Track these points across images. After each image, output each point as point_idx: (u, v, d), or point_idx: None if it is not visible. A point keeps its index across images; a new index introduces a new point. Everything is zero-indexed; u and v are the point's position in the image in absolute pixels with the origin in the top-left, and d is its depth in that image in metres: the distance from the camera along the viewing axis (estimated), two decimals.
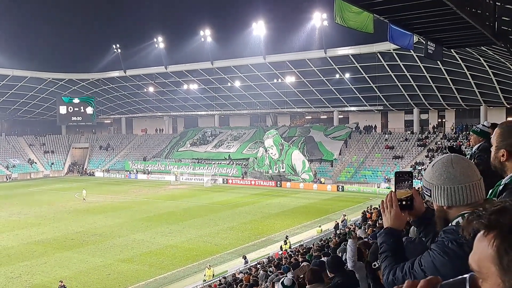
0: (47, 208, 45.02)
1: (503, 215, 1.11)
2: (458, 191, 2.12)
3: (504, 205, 1.13)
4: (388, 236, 2.41)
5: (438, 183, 2.17)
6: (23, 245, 30.84)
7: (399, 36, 14.94)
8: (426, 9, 12.40)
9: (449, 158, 2.22)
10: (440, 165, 2.19)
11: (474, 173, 2.18)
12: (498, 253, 1.06)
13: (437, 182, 2.17)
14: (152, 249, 29.44)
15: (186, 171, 69.05)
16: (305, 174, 60.99)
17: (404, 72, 56.05)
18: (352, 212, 39.81)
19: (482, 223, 1.13)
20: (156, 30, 73.06)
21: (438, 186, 2.17)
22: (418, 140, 61.11)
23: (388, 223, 2.44)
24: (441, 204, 2.20)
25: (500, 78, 47.41)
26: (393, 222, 2.42)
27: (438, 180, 2.17)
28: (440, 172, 2.17)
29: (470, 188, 2.12)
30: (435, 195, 2.20)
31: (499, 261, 1.06)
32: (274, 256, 23.39)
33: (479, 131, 5.13)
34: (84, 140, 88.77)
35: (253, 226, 36.15)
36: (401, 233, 2.47)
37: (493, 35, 13.53)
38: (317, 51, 60.71)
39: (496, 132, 2.75)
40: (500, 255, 1.06)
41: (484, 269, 1.11)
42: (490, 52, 29.80)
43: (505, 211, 1.12)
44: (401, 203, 2.44)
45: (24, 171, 76.73)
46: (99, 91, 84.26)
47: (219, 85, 73.50)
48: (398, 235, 2.43)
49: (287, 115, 78.71)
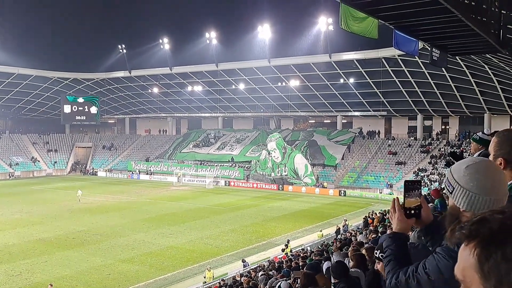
0: (49, 207, 45.11)
1: (482, 225, 1.15)
2: (481, 202, 2.08)
3: (484, 216, 1.18)
4: (392, 241, 2.45)
5: (465, 186, 2.10)
6: (24, 243, 30.90)
7: (404, 42, 14.95)
8: (431, 16, 12.42)
9: (485, 165, 2.16)
10: (474, 170, 2.12)
11: (503, 188, 2.13)
12: (479, 260, 1.11)
13: (464, 185, 2.11)
14: (153, 250, 29.45)
15: (188, 173, 69.11)
16: (307, 178, 60.95)
17: (408, 78, 56.01)
18: (353, 217, 39.75)
19: (463, 234, 1.19)
20: (162, 32, 73.31)
21: (463, 189, 2.11)
22: (421, 147, 61.00)
23: (394, 228, 2.48)
24: (460, 206, 2.17)
25: (504, 86, 47.32)
26: (398, 226, 2.45)
27: (467, 184, 2.10)
28: (472, 177, 2.10)
29: (494, 203, 2.08)
30: (457, 195, 2.14)
31: (481, 268, 1.11)
32: (274, 259, 23.36)
33: (478, 139, 5.13)
34: (88, 140, 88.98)
35: (254, 229, 36.12)
36: (406, 238, 2.49)
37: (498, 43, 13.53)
38: (322, 56, 60.73)
39: (493, 141, 2.76)
40: (481, 262, 1.11)
41: (467, 278, 1.16)
42: (495, 60, 29.78)
43: (485, 221, 1.16)
44: (409, 211, 2.45)
45: (27, 169, 76.95)
46: (104, 91, 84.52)
47: (223, 87, 73.61)
48: (402, 240, 2.45)
49: (291, 119, 78.73)
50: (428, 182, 50.99)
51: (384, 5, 12.09)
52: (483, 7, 12.06)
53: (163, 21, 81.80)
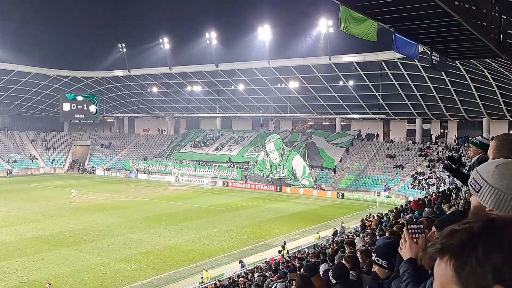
0: (46, 205, 45.06)
1: (452, 236, 1.18)
2: (510, 201, 2.01)
3: (452, 228, 1.21)
4: (408, 265, 2.69)
5: (494, 186, 2.03)
6: (21, 240, 30.86)
7: (404, 45, 14.95)
8: (432, 19, 12.44)
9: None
10: (505, 169, 2.06)
11: None
12: (456, 271, 1.13)
13: (493, 183, 2.04)
14: (150, 250, 29.43)
15: (186, 173, 69.08)
16: (305, 179, 60.95)
17: (407, 82, 56.06)
18: (351, 219, 39.74)
19: (435, 249, 1.21)
20: (162, 31, 73.29)
21: (492, 188, 2.03)
22: (420, 150, 61.03)
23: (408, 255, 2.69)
24: (487, 205, 2.14)
25: (503, 91, 47.39)
26: (411, 253, 2.66)
27: (496, 182, 2.03)
28: (503, 176, 2.03)
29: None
30: (484, 193, 2.06)
31: (459, 278, 1.12)
32: (270, 261, 23.39)
33: (479, 143, 5.12)
34: (86, 138, 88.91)
35: (252, 230, 36.11)
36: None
37: (497, 48, 13.56)
38: (322, 58, 60.77)
39: (493, 145, 2.79)
40: (459, 272, 1.12)
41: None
42: (494, 64, 29.83)
43: (454, 232, 1.19)
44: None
45: (25, 167, 76.85)
46: (103, 90, 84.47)
47: (223, 87, 73.62)
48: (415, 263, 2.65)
49: (290, 120, 78.75)
50: (426, 185, 51.04)
51: (384, 8, 12.11)
52: (484, 11, 12.08)
53: (163, 20, 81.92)
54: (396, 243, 4.15)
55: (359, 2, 12.03)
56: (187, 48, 72.42)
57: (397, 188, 54.69)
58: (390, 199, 51.33)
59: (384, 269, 3.81)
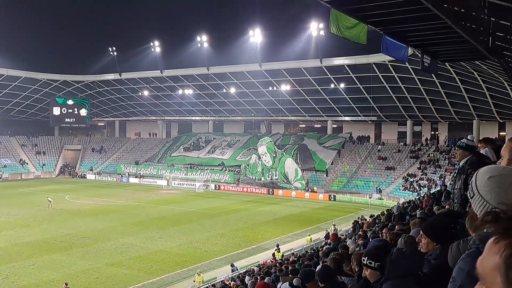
0: (36, 210, 44.68)
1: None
2: None
3: None
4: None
5: (484, 197, 2.05)
6: (11, 246, 30.56)
7: (394, 48, 15.04)
8: (421, 22, 12.51)
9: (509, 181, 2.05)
10: (495, 182, 2.04)
11: None
12: (506, 264, 0.99)
13: (483, 195, 2.05)
14: (142, 254, 29.28)
15: (178, 176, 68.86)
16: (297, 182, 61.01)
17: (398, 84, 56.34)
18: (343, 221, 39.84)
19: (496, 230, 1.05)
20: (153, 34, 73.11)
21: (482, 199, 2.05)
22: (411, 152, 61.32)
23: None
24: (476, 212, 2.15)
25: (493, 92, 47.75)
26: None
27: (486, 195, 2.04)
28: (491, 189, 2.03)
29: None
30: (475, 202, 2.10)
31: (506, 272, 0.98)
32: (263, 263, 23.34)
33: (465, 146, 5.14)
34: (77, 142, 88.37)
35: (244, 233, 36.05)
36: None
37: (487, 50, 13.66)
38: (313, 60, 60.93)
39: (508, 145, 2.91)
40: (508, 266, 0.98)
41: (488, 277, 1.03)
42: (484, 66, 30.07)
43: None
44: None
45: (15, 172, 76.23)
46: (94, 93, 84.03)
47: (214, 91, 73.55)
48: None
49: (281, 123, 78.85)
50: (417, 187, 51.28)
51: (374, 11, 12.16)
52: (473, 14, 12.16)
53: (154, 24, 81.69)
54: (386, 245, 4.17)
55: (349, 5, 12.08)
56: (178, 51, 72.38)
57: (388, 190, 54.90)
58: (382, 201, 51.56)
59: (376, 271, 3.81)
